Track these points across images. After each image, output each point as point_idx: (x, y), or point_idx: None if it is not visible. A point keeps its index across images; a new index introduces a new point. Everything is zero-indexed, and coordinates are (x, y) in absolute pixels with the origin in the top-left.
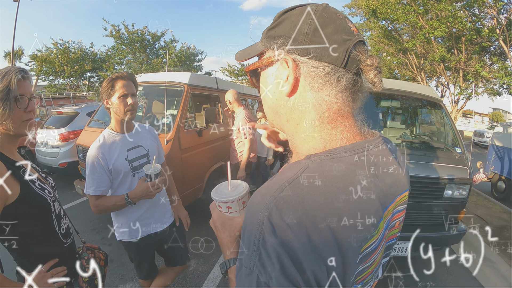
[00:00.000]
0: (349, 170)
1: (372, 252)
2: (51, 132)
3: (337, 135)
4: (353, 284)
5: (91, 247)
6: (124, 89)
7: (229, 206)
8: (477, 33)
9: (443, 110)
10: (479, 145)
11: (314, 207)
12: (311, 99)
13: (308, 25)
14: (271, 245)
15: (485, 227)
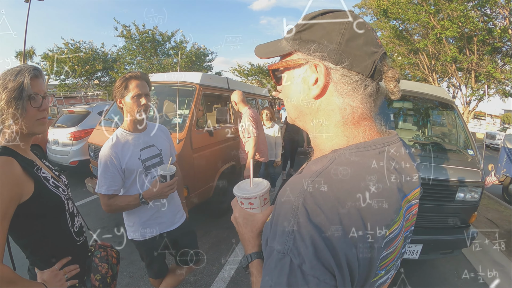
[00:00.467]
0: (371, 162)
1: (394, 238)
2: (63, 130)
3: (360, 134)
4: (377, 269)
5: (104, 245)
6: (137, 89)
7: (251, 202)
8: (489, 34)
9: (455, 112)
10: (490, 147)
11: (345, 194)
12: (337, 103)
13: (341, 35)
14: (305, 230)
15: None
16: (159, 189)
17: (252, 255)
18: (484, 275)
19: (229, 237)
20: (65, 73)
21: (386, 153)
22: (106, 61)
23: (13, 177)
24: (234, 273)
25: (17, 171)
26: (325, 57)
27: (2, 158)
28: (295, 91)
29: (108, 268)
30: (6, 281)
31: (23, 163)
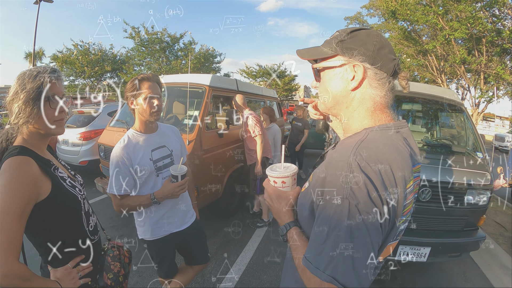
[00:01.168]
0: (393, 137)
1: (410, 192)
2: (72, 131)
3: (382, 118)
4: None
5: (117, 245)
6: (150, 91)
7: (284, 181)
8: (497, 35)
9: (464, 114)
10: (499, 150)
11: (381, 154)
12: (370, 93)
13: (373, 45)
14: (359, 176)
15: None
16: (171, 189)
17: (290, 223)
18: (492, 279)
19: (237, 237)
20: (74, 74)
21: (401, 133)
22: (115, 63)
23: (31, 177)
24: (243, 273)
25: (35, 171)
26: (364, 60)
27: (20, 158)
28: (335, 85)
29: (121, 267)
30: (22, 279)
31: (40, 162)
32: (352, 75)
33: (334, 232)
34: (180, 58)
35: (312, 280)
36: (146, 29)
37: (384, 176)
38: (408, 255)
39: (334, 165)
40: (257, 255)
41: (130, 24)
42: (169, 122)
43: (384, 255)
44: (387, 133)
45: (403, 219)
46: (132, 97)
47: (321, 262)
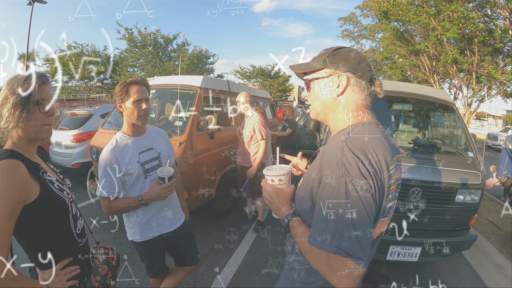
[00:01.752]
0: (376, 130)
1: (393, 174)
2: (65, 133)
3: (364, 117)
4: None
5: (105, 247)
6: (138, 94)
7: (281, 179)
8: (489, 34)
9: (455, 114)
10: (492, 149)
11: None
12: (352, 98)
13: (354, 59)
14: (350, 157)
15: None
16: (158, 191)
17: (290, 214)
18: (484, 278)
19: (229, 239)
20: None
21: (380, 128)
22: (108, 64)
23: (20, 179)
24: (234, 274)
25: (24, 174)
26: (347, 70)
27: (10, 161)
28: (324, 93)
29: (108, 270)
30: (11, 279)
31: (29, 166)
32: (337, 84)
33: (335, 207)
34: (173, 59)
35: (319, 257)
36: (139, 30)
37: (370, 157)
38: (399, 255)
39: (328, 153)
40: (249, 256)
41: (123, 25)
42: (160, 124)
43: (377, 232)
44: (369, 127)
45: (390, 196)
46: (120, 100)
47: (326, 236)
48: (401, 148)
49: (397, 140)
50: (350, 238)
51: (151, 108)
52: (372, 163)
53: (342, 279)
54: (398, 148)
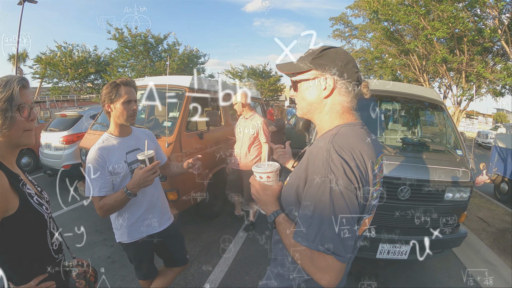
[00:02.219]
0: (359, 131)
1: (377, 174)
2: (55, 134)
3: (350, 118)
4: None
5: (82, 262)
6: (127, 95)
7: (269, 176)
8: (479, 34)
9: (444, 112)
10: (482, 146)
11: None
12: (339, 100)
13: (341, 61)
14: (336, 160)
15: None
16: (141, 174)
17: (277, 211)
18: (475, 274)
19: (220, 239)
20: (58, 76)
21: (365, 129)
22: (99, 64)
23: (1, 191)
24: (225, 274)
25: (5, 185)
26: (334, 73)
27: None
28: (310, 94)
29: (86, 284)
30: None
31: (9, 176)
32: (324, 86)
33: (320, 206)
34: (164, 59)
35: (303, 253)
36: (130, 30)
37: (356, 158)
38: (389, 253)
39: (315, 153)
40: (240, 256)
41: (113, 25)
42: (149, 125)
43: (362, 229)
44: (354, 128)
45: (374, 195)
46: (109, 101)
47: (310, 234)
48: (390, 147)
49: (386, 139)
50: (333, 237)
51: (141, 109)
52: (358, 164)
53: (324, 275)
54: (381, 148)
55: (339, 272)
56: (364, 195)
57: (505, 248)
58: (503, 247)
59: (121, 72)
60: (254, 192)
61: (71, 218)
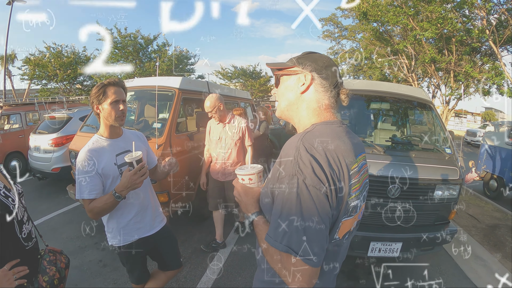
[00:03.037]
0: (337, 129)
1: (356, 173)
2: (44, 137)
3: (327, 116)
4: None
5: (54, 250)
6: (115, 96)
7: (250, 178)
8: (467, 34)
9: (433, 112)
10: (471, 144)
11: (325, 140)
12: (315, 97)
13: (323, 63)
14: (305, 156)
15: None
16: (128, 177)
17: (256, 213)
18: (466, 270)
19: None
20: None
21: (343, 127)
22: (88, 65)
23: None
24: (218, 276)
25: None
26: (312, 70)
27: None
28: (289, 89)
29: (56, 271)
30: None
31: None
32: (302, 82)
33: (287, 206)
34: (154, 60)
35: (274, 255)
36: (119, 31)
37: (328, 156)
38: (380, 251)
39: (286, 151)
40: (232, 258)
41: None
42: (139, 126)
43: (342, 232)
44: (331, 127)
45: (353, 195)
46: (97, 102)
47: (278, 235)
48: (380, 146)
49: (376, 138)
50: (300, 237)
51: (131, 110)
52: (330, 162)
53: (293, 279)
54: (363, 148)
55: (309, 276)
56: (337, 195)
57: (495, 243)
58: (493, 243)
59: (110, 73)
60: (236, 194)
61: (61, 222)
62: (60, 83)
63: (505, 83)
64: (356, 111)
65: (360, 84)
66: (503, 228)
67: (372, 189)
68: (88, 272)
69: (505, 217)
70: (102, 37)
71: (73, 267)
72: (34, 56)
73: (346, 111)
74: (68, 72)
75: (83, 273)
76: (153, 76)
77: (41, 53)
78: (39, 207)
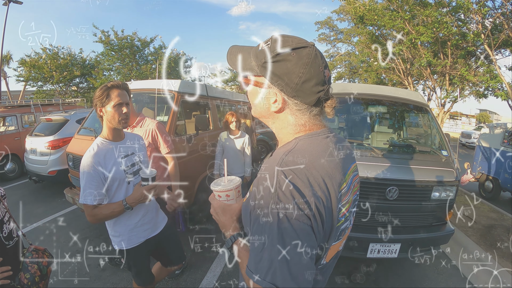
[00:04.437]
0: (322, 143)
1: (345, 194)
2: (40, 139)
3: (312, 127)
4: (338, 215)
5: (37, 249)
6: (119, 98)
7: (228, 195)
8: (462, 38)
9: (429, 114)
10: (466, 146)
11: (308, 162)
12: (291, 119)
13: (299, 77)
14: (285, 186)
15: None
16: (142, 192)
17: (235, 235)
18: (463, 269)
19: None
20: (43, 79)
21: (330, 138)
22: (84, 67)
23: None
24: (217, 279)
25: None
26: (284, 92)
27: None
28: (259, 102)
29: (37, 268)
30: None
31: None
32: (274, 100)
33: (269, 240)
34: (150, 62)
35: None
36: (116, 33)
37: (313, 183)
38: (379, 252)
39: (264, 175)
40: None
41: (100, 28)
42: None
43: (329, 256)
44: (316, 140)
45: (342, 220)
46: (100, 104)
47: (261, 270)
48: (377, 149)
49: (373, 141)
50: (285, 273)
51: None
52: (315, 189)
53: None
54: (353, 157)
55: None
56: (323, 226)
57: (492, 243)
58: (489, 243)
59: (106, 76)
60: (213, 213)
61: (58, 226)
62: (56, 85)
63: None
64: (353, 114)
65: (357, 87)
66: (499, 228)
67: (370, 191)
68: (87, 276)
69: (501, 218)
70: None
71: (71, 272)
72: (30, 57)
73: (342, 114)
74: (64, 74)
75: (82, 277)
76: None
77: (37, 54)
78: (35, 210)
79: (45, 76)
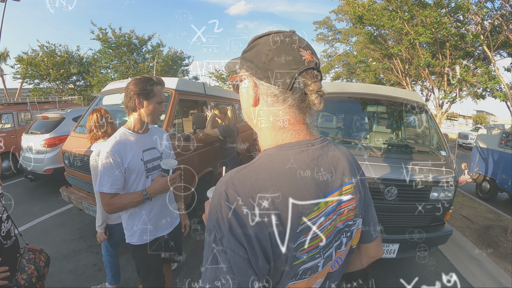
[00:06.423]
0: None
1: (316, 225)
2: (36, 137)
3: (288, 136)
4: (296, 252)
5: (33, 249)
6: (162, 96)
7: None
8: (461, 39)
9: (428, 114)
10: (463, 147)
11: (260, 185)
12: (266, 112)
13: (266, 55)
14: (224, 210)
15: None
16: (163, 183)
17: None
18: (461, 269)
19: None
20: (39, 76)
21: (310, 150)
22: (81, 65)
23: None
24: None
25: None
26: (253, 74)
27: None
28: (243, 99)
29: (34, 269)
30: None
31: None
32: (251, 89)
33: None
34: (148, 60)
35: None
36: (114, 31)
37: (259, 209)
38: None
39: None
40: None
41: (97, 25)
42: None
43: None
44: (287, 154)
45: (302, 258)
46: (143, 97)
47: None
48: (376, 149)
49: (371, 140)
50: None
51: None
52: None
53: None
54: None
55: None
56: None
57: (489, 244)
58: (487, 243)
59: (103, 73)
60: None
61: (54, 225)
62: (53, 82)
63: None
64: (351, 114)
65: (356, 87)
66: (496, 228)
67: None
68: (83, 276)
69: (498, 218)
70: (96, 37)
71: (67, 271)
72: (27, 54)
73: (340, 114)
74: (61, 72)
75: (77, 277)
76: None
77: (34, 51)
78: (31, 209)
79: (42, 74)
